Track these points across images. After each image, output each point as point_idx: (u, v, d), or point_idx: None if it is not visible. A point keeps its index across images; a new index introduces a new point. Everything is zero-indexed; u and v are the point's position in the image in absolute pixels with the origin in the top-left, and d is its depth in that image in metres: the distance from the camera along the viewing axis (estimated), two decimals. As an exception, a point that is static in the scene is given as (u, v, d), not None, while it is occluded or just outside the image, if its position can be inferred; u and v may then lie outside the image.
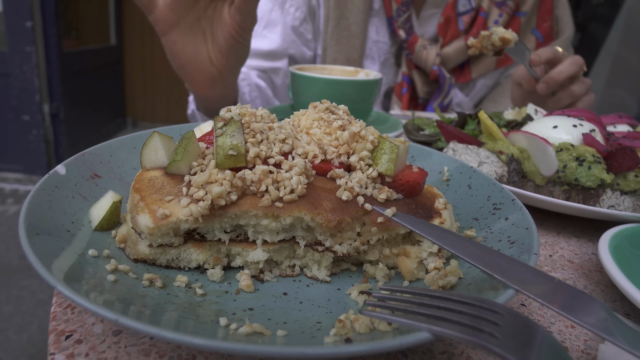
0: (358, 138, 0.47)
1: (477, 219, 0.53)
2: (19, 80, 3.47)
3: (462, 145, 0.69)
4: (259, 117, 0.47)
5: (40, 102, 3.58)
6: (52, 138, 3.78)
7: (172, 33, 0.82)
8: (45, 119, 3.66)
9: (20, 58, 3.42)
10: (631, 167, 0.60)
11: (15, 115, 3.56)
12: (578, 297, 0.34)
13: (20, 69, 3.45)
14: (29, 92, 3.52)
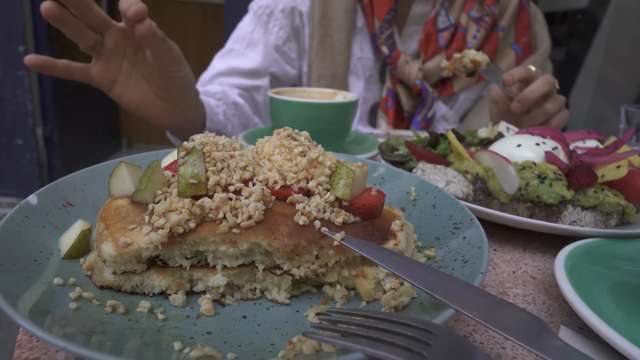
0: (316, 164, 0.49)
1: (438, 238, 0.55)
2: (11, 104, 3.50)
3: (431, 165, 0.71)
4: (220, 145, 0.49)
5: (33, 126, 3.60)
6: (45, 161, 3.80)
7: (115, 88, 0.93)
8: (38, 142, 3.68)
9: (13, 82, 3.45)
10: (589, 183, 0.62)
11: (9, 139, 3.58)
12: (515, 313, 0.36)
13: (13, 92, 3.48)
14: (22, 116, 3.54)
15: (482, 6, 1.45)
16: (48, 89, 3.63)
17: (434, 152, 0.79)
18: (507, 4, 1.49)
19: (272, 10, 1.52)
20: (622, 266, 0.54)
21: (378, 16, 1.45)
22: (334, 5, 1.46)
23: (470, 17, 1.45)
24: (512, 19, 1.49)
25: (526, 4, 1.53)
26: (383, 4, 1.44)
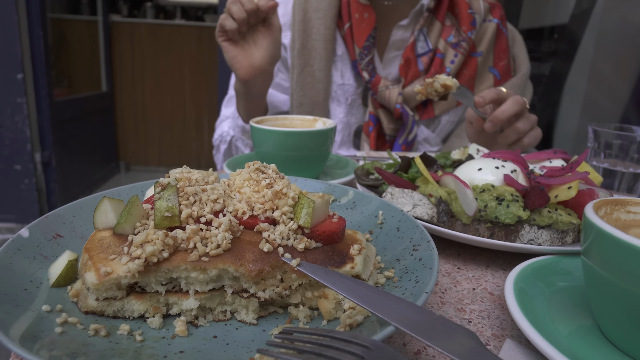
0: (281, 195, 0.53)
1: (399, 259, 0.59)
2: (10, 130, 3.57)
3: (399, 189, 0.76)
4: (193, 180, 0.54)
5: (31, 151, 3.67)
6: (44, 186, 3.85)
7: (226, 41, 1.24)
8: (37, 168, 3.74)
9: (11, 109, 3.52)
10: (542, 204, 0.67)
11: (7, 165, 3.64)
12: (452, 329, 0.40)
13: (12, 119, 3.55)
14: (21, 142, 3.61)
15: (459, 32, 1.51)
16: (46, 115, 3.71)
17: (405, 176, 0.84)
18: (485, 30, 1.55)
19: None
20: (567, 282, 0.58)
21: (358, 43, 1.51)
22: (314, 36, 1.53)
23: (448, 42, 1.51)
24: (490, 43, 1.55)
25: (504, 29, 1.59)
26: (362, 31, 1.50)
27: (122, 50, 5.11)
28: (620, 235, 0.43)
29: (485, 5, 1.56)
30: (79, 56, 4.81)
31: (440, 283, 0.65)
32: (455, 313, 0.58)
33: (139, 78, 5.22)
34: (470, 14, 1.51)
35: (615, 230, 0.44)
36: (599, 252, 0.46)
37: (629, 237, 0.43)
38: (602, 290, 0.48)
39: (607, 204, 0.54)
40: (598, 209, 0.52)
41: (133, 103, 5.30)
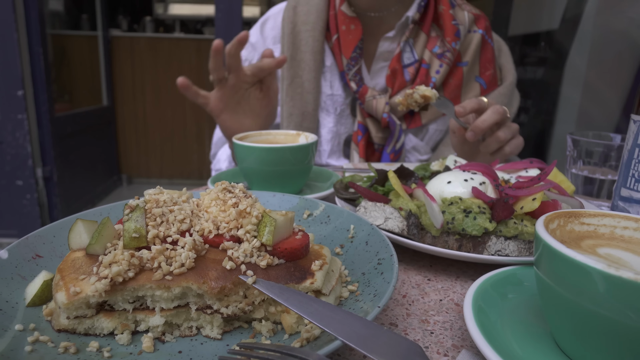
0: (245, 214, 0.56)
1: (364, 273, 0.61)
2: (11, 146, 3.62)
3: (372, 203, 0.78)
4: (161, 202, 0.56)
5: (33, 167, 3.71)
6: (45, 201, 3.89)
7: (222, 115, 1.24)
8: (38, 183, 3.79)
9: (12, 125, 3.58)
10: (507, 216, 0.69)
11: (9, 181, 3.69)
12: (398, 342, 0.42)
13: (13, 135, 3.60)
14: (22, 158, 3.66)
15: (444, 43, 1.53)
16: (47, 130, 3.76)
17: (381, 190, 0.86)
18: (470, 40, 1.58)
19: (250, 62, 1.64)
20: (528, 292, 0.59)
21: (345, 54, 1.54)
22: (302, 48, 1.56)
23: (433, 53, 1.54)
24: (475, 53, 1.58)
25: (489, 40, 1.61)
26: (349, 43, 1.53)
27: (122, 64, 5.18)
28: (561, 249, 0.45)
29: (470, 17, 1.58)
30: (80, 71, 4.88)
31: (409, 295, 0.67)
32: (419, 325, 0.59)
33: (140, 91, 5.29)
34: (454, 25, 1.53)
35: (559, 244, 0.46)
36: (546, 264, 0.48)
37: (570, 251, 0.44)
38: (552, 301, 0.49)
39: (561, 217, 0.56)
40: (551, 222, 0.54)
41: (134, 116, 5.36)
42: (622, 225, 0.57)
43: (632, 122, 0.86)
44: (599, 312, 0.44)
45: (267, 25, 1.65)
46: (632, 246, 0.55)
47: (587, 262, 0.43)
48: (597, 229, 0.58)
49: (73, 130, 4.27)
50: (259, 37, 1.65)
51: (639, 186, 0.83)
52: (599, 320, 0.45)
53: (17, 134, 3.62)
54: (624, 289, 0.41)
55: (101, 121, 5.05)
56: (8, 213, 3.79)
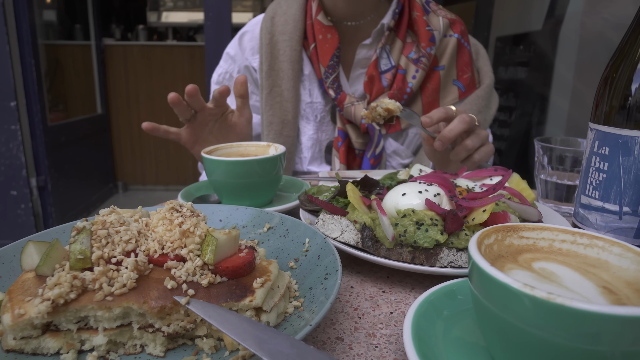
0: (189, 234, 0.57)
1: (312, 288, 0.62)
2: (5, 157, 3.64)
3: (330, 215, 0.79)
4: (107, 223, 0.58)
5: (27, 177, 3.73)
6: (40, 210, 3.91)
7: (195, 146, 1.32)
8: (32, 193, 3.81)
9: (6, 136, 3.60)
10: (457, 228, 0.70)
11: (4, 191, 3.71)
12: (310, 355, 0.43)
13: (7, 146, 3.63)
14: (16, 168, 3.68)
15: (419, 48, 1.55)
16: (40, 140, 3.78)
17: (342, 201, 0.88)
18: (446, 45, 1.59)
19: (231, 74, 1.66)
20: (467, 305, 0.61)
21: (322, 63, 1.56)
22: (281, 57, 1.58)
23: (409, 58, 1.55)
24: (451, 57, 1.59)
25: (465, 43, 1.63)
26: (326, 51, 1.55)
27: (115, 73, 5.22)
28: (484, 267, 0.46)
29: (445, 22, 1.60)
30: (74, 80, 4.91)
31: (361, 307, 0.68)
32: (365, 338, 0.60)
33: (134, 99, 5.32)
34: (428, 31, 1.55)
35: (483, 261, 0.47)
36: (475, 280, 0.49)
37: (491, 269, 0.45)
38: (484, 316, 0.50)
39: (499, 231, 0.57)
40: (487, 237, 0.55)
41: (129, 124, 5.39)
42: (560, 238, 0.58)
43: (589, 130, 0.87)
44: (523, 328, 0.45)
45: (245, 37, 1.67)
46: (568, 259, 0.56)
47: (506, 281, 0.44)
48: (536, 242, 0.59)
49: (67, 140, 4.29)
50: (237, 50, 1.67)
51: (596, 194, 0.85)
52: (524, 336, 0.46)
53: (10, 144, 3.64)
54: (539, 308, 0.42)
55: (96, 129, 5.08)
56: (3, 223, 3.81)
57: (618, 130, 0.80)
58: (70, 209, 4.34)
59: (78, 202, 4.56)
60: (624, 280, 0.51)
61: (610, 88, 0.83)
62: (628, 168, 0.80)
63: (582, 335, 0.41)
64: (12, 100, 3.56)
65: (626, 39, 0.82)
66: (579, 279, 0.52)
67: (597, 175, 0.84)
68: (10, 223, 3.79)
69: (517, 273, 0.53)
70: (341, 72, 1.61)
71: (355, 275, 0.77)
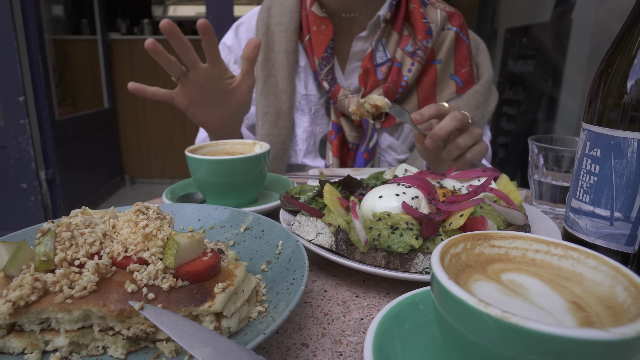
0: (151, 237, 0.57)
1: (278, 292, 0.62)
2: (15, 151, 3.70)
3: (305, 217, 0.79)
4: (73, 225, 0.58)
5: (36, 170, 3.78)
6: (49, 203, 3.97)
7: (189, 108, 1.27)
8: (42, 185, 3.86)
9: (15, 130, 3.65)
10: (431, 233, 0.69)
11: (13, 184, 3.77)
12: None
13: (16, 140, 3.68)
14: (25, 161, 3.73)
15: (416, 41, 1.53)
16: (48, 134, 3.83)
17: (321, 202, 0.87)
18: (443, 38, 1.57)
19: (228, 63, 1.65)
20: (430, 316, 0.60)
21: (317, 54, 1.54)
22: (276, 48, 1.57)
23: (405, 51, 1.53)
24: (449, 51, 1.57)
25: (464, 37, 1.60)
26: (320, 43, 1.53)
27: (121, 67, 5.25)
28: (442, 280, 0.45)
29: (443, 15, 1.57)
30: (81, 75, 4.95)
31: (331, 312, 0.67)
32: (331, 345, 0.60)
33: (141, 94, 5.35)
34: (425, 24, 1.53)
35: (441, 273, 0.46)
36: (435, 290, 0.48)
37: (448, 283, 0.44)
38: (444, 328, 0.49)
39: (468, 239, 0.56)
40: (454, 246, 0.54)
41: (135, 118, 5.43)
42: (533, 248, 0.57)
43: (581, 130, 0.85)
44: (481, 343, 0.44)
45: (241, 28, 1.67)
46: (540, 270, 0.54)
47: (461, 296, 0.43)
48: (508, 251, 0.57)
49: (74, 134, 4.34)
50: (234, 40, 1.66)
51: (587, 198, 0.82)
52: (482, 351, 0.45)
53: (20, 138, 3.69)
54: (493, 326, 0.41)
55: (103, 123, 5.13)
56: (14, 215, 3.87)
57: (611, 131, 0.77)
58: (79, 201, 4.39)
59: (86, 194, 4.62)
60: (596, 295, 0.49)
61: (605, 84, 0.80)
62: (620, 171, 0.77)
63: (538, 354, 0.40)
64: (21, 95, 3.60)
65: (623, 31, 0.78)
66: (549, 293, 0.50)
67: (588, 178, 0.82)
68: (20, 215, 3.86)
69: (482, 285, 0.51)
70: (336, 64, 1.59)
71: (331, 279, 0.77)
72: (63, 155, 4.10)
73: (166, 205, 0.87)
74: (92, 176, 4.81)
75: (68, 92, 4.79)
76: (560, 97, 3.21)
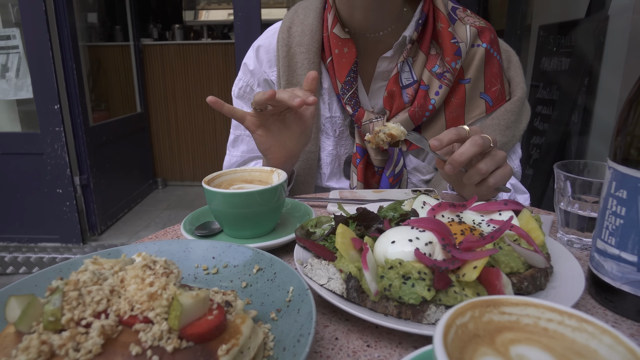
0: (157, 296, 0.57)
1: (285, 348, 0.61)
2: (51, 157, 3.84)
3: (318, 259, 0.77)
4: (80, 282, 0.59)
5: (71, 176, 3.92)
6: (83, 207, 4.11)
7: (257, 132, 1.29)
8: (76, 191, 4.00)
9: (51, 137, 3.80)
10: (444, 286, 0.66)
11: (50, 190, 3.92)
12: None
13: (52, 147, 3.82)
14: (61, 167, 3.88)
15: (444, 62, 1.47)
16: (82, 141, 3.96)
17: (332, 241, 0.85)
18: (473, 55, 1.50)
19: (252, 87, 1.64)
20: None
21: (339, 78, 1.51)
22: (298, 71, 1.55)
23: (433, 73, 1.48)
24: (479, 69, 1.50)
25: (495, 53, 1.53)
26: (343, 66, 1.50)
27: (153, 72, 5.37)
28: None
29: (473, 31, 1.51)
30: (115, 80, 5.11)
31: (340, 364, 0.66)
32: (338, 403, 0.59)
33: (171, 96, 5.47)
34: (454, 44, 1.47)
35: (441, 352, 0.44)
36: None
37: None
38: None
39: (476, 307, 0.53)
40: (461, 315, 0.51)
41: (166, 121, 5.55)
42: (546, 316, 0.53)
43: (607, 168, 0.80)
44: None
45: (260, 50, 1.65)
46: (553, 343, 0.51)
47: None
48: (519, 319, 0.53)
49: (108, 139, 4.48)
50: (255, 63, 1.65)
51: (612, 240, 0.78)
52: None
53: (55, 145, 3.84)
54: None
55: (136, 127, 5.26)
56: (50, 219, 4.03)
57: (638, 173, 0.72)
58: (112, 205, 4.54)
59: (120, 198, 4.76)
60: (611, 379, 0.46)
61: (633, 117, 0.75)
62: (648, 216, 0.72)
63: None
64: (56, 104, 3.73)
65: None
66: (561, 372, 0.47)
67: (613, 219, 0.77)
68: (56, 220, 4.01)
69: (488, 361, 0.48)
70: (360, 85, 1.56)
71: (343, 324, 0.75)
72: (97, 160, 4.24)
73: (182, 241, 0.88)
74: (125, 180, 4.95)
75: (102, 97, 4.94)
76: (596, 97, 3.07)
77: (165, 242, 0.88)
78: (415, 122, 1.49)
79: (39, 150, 3.83)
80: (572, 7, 3.44)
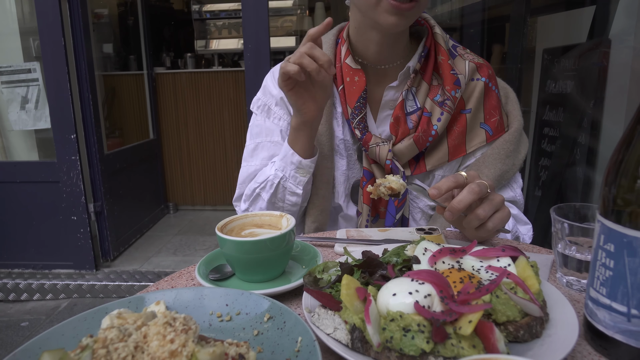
0: (177, 354, 0.62)
1: (294, 400, 0.66)
2: (66, 185, 3.95)
3: (324, 309, 0.83)
4: (108, 340, 0.65)
5: (85, 203, 4.03)
6: (97, 234, 4.20)
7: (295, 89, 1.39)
8: (90, 218, 4.10)
9: (67, 166, 3.91)
10: (441, 339, 0.71)
11: (65, 217, 4.02)
12: None
13: (68, 175, 3.94)
14: (76, 195, 3.98)
15: (444, 91, 1.55)
16: (97, 169, 4.07)
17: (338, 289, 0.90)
18: (473, 88, 1.59)
19: (269, 106, 1.73)
20: None
21: (350, 104, 1.60)
22: None
23: (435, 101, 1.56)
24: (478, 101, 1.58)
25: (493, 87, 1.61)
26: (353, 93, 1.59)
27: (166, 100, 5.53)
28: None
29: (472, 66, 1.60)
30: (129, 108, 5.26)
31: (346, 414, 0.70)
32: None
33: (183, 124, 5.61)
34: (453, 75, 1.55)
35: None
36: None
37: None
38: None
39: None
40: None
41: (178, 147, 5.68)
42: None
43: (596, 221, 0.84)
44: None
45: None
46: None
47: None
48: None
49: (121, 166, 4.60)
50: (272, 85, 1.72)
51: (604, 290, 0.82)
52: None
53: (71, 173, 3.95)
54: None
55: (148, 154, 5.39)
56: (65, 246, 4.12)
57: (623, 229, 0.76)
58: (125, 231, 4.63)
59: (132, 224, 4.85)
60: None
61: (617, 176, 0.79)
62: (634, 270, 0.75)
63: None
64: (73, 133, 3.86)
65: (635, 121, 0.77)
66: None
67: (603, 271, 0.81)
68: (71, 247, 4.10)
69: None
70: (369, 112, 1.64)
71: (348, 372, 0.80)
72: (110, 187, 4.34)
73: (197, 289, 0.93)
74: (137, 206, 5.05)
75: (116, 124, 5.09)
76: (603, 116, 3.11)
77: (182, 290, 0.94)
78: (419, 147, 1.56)
79: (55, 179, 3.94)
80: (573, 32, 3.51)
